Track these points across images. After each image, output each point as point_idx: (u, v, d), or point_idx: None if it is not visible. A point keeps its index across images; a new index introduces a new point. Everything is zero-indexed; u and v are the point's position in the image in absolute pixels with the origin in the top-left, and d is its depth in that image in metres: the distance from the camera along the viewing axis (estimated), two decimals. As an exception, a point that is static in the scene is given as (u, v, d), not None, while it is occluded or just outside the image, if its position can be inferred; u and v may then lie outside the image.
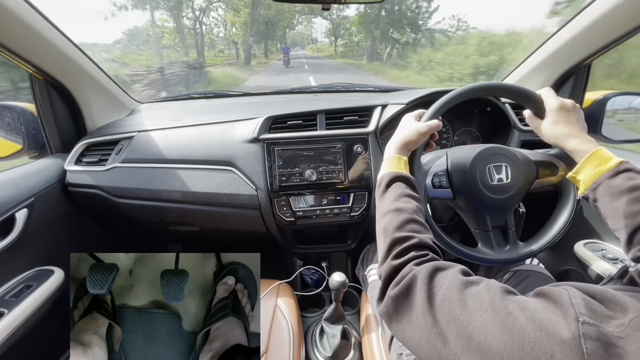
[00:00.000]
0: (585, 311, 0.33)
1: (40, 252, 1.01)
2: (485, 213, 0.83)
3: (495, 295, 0.40)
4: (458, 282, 0.44)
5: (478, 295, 0.41)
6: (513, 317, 0.36)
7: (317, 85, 1.61)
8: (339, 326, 1.09)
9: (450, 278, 0.46)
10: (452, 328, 0.40)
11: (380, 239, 0.61)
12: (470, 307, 0.40)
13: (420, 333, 0.44)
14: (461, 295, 0.42)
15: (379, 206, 0.67)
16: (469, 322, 0.39)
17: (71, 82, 1.13)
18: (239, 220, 1.17)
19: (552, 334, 0.33)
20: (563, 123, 0.70)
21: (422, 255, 0.54)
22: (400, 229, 0.58)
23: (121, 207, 1.13)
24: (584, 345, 0.31)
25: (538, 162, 0.83)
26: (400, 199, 0.64)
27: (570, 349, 0.31)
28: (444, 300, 0.43)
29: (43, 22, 0.94)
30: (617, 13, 0.89)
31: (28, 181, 1.00)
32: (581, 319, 0.33)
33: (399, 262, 0.53)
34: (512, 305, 0.38)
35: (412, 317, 0.46)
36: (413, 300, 0.47)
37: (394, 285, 0.50)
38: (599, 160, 0.63)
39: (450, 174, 0.83)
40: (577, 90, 1.16)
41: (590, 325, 0.32)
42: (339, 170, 1.09)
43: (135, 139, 1.16)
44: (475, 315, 0.39)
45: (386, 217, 0.62)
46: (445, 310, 0.42)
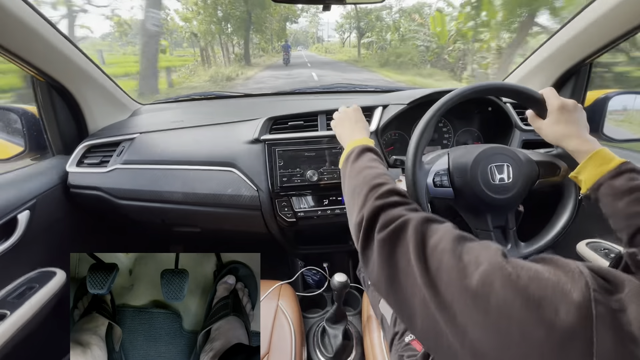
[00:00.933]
0: (593, 281, 0.33)
1: (42, 254, 1.02)
2: (487, 213, 0.83)
3: (493, 253, 0.39)
4: (452, 234, 0.43)
5: (473, 250, 0.40)
6: (515, 274, 0.35)
7: (318, 86, 1.61)
8: (340, 327, 1.09)
9: (444, 230, 0.45)
10: (443, 277, 0.39)
11: (355, 190, 0.61)
12: (464, 260, 0.39)
13: (413, 281, 0.42)
14: (455, 247, 0.41)
15: (350, 169, 0.68)
16: (464, 275, 0.37)
17: (73, 84, 1.13)
18: (240, 221, 1.17)
19: (560, 292, 0.32)
20: (564, 123, 0.69)
21: (408, 202, 0.54)
22: (379, 177, 0.60)
23: (123, 208, 1.14)
24: (595, 309, 0.30)
25: (540, 162, 0.82)
26: (373, 162, 0.67)
27: (579, 309, 0.30)
28: (437, 250, 0.42)
29: (44, 24, 0.94)
30: (618, 11, 0.89)
31: (30, 183, 1.00)
32: (592, 286, 0.32)
33: (384, 202, 0.53)
34: (510, 265, 0.36)
35: (403, 264, 0.44)
36: (404, 246, 0.45)
37: (382, 228, 0.49)
38: (600, 161, 0.63)
39: (452, 174, 0.82)
40: (578, 89, 1.15)
41: (599, 293, 0.31)
42: (340, 170, 1.09)
43: (136, 141, 1.16)
44: (471, 268, 0.38)
45: (362, 173, 0.63)
46: (437, 259, 0.41)
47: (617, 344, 0.29)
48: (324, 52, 47.34)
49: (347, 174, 0.68)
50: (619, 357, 0.29)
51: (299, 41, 75.51)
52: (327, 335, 1.11)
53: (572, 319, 0.30)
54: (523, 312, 0.32)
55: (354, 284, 1.29)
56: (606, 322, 0.30)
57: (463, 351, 0.36)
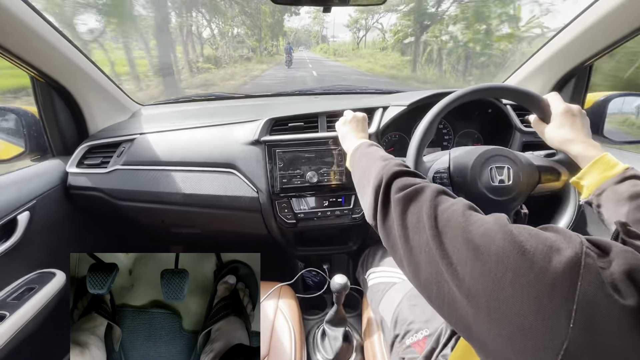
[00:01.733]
0: (587, 244, 0.35)
1: (42, 255, 1.01)
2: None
3: (500, 216, 0.42)
4: (464, 203, 0.47)
5: (479, 217, 0.44)
6: (517, 231, 0.38)
7: (318, 87, 1.61)
8: (340, 329, 1.09)
9: (458, 200, 0.49)
10: (449, 231, 0.43)
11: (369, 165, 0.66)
12: (471, 220, 0.43)
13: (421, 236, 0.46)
14: (464, 210, 0.45)
15: (358, 161, 0.73)
16: (469, 230, 0.41)
17: (73, 84, 1.13)
18: (240, 222, 1.17)
19: (556, 247, 0.35)
20: (568, 127, 0.69)
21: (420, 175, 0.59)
22: (390, 158, 0.66)
23: (122, 209, 1.13)
24: (584, 260, 0.33)
25: (541, 167, 0.82)
26: (382, 151, 0.73)
27: (570, 260, 0.33)
28: (447, 211, 0.46)
29: (44, 25, 0.95)
30: (618, 14, 0.89)
31: (30, 184, 1.00)
32: (585, 244, 0.34)
33: (400, 169, 0.58)
34: (513, 225, 0.40)
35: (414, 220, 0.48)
36: (419, 205, 0.49)
37: (400, 190, 0.53)
38: (604, 166, 0.62)
39: (452, 173, 0.82)
40: (578, 91, 1.15)
41: (591, 251, 0.34)
42: (340, 172, 1.09)
43: (136, 142, 1.16)
44: (477, 225, 0.41)
45: (375, 154, 0.69)
46: (446, 217, 0.45)
47: (598, 290, 0.31)
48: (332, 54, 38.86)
49: (354, 167, 0.75)
50: (598, 302, 0.31)
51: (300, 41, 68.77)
52: (327, 337, 1.11)
53: (561, 267, 0.33)
54: (518, 260, 0.35)
55: (354, 285, 1.28)
56: (592, 272, 0.32)
57: (461, 298, 0.39)
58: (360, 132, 0.91)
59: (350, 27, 42.75)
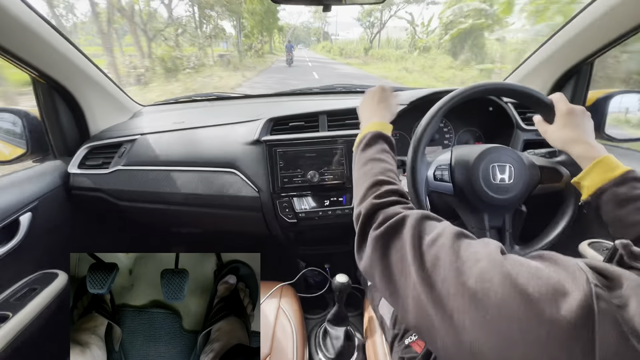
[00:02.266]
0: (593, 277, 0.32)
1: (44, 256, 1.02)
2: (484, 212, 0.82)
3: (492, 250, 0.38)
4: (451, 231, 0.43)
5: (471, 247, 0.39)
6: (515, 271, 0.34)
7: (318, 86, 1.61)
8: (342, 328, 1.09)
9: (443, 226, 0.44)
10: (440, 273, 0.38)
11: (359, 181, 0.62)
12: (462, 257, 0.38)
13: (407, 278, 0.42)
14: (453, 243, 0.40)
15: (359, 156, 0.68)
16: (462, 271, 0.37)
17: (74, 85, 1.13)
18: (241, 222, 1.17)
19: (561, 290, 0.31)
20: (571, 128, 0.69)
21: (407, 202, 0.54)
22: (383, 174, 0.60)
23: (124, 209, 1.14)
24: (596, 305, 0.29)
25: (543, 167, 0.82)
26: (383, 153, 0.67)
27: (581, 306, 0.30)
28: (434, 245, 0.41)
29: (45, 26, 0.95)
30: (619, 11, 0.89)
31: (32, 185, 1.00)
32: (593, 282, 0.31)
33: (382, 202, 0.53)
34: (509, 262, 0.36)
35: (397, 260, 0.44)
36: (400, 241, 0.45)
37: (378, 226, 0.49)
38: (605, 167, 0.62)
39: (453, 169, 0.82)
40: (579, 89, 1.15)
41: (600, 289, 0.31)
42: (341, 171, 1.09)
43: (137, 142, 1.16)
44: (470, 264, 0.37)
45: (369, 164, 0.64)
46: (433, 254, 0.40)
47: (620, 339, 0.28)
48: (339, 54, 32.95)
49: (356, 162, 0.69)
50: (621, 353, 0.28)
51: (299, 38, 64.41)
52: (329, 336, 1.11)
53: (574, 316, 0.29)
54: (523, 311, 0.31)
55: (355, 284, 1.28)
56: (608, 317, 0.29)
57: (460, 352, 0.35)
58: (375, 112, 0.80)
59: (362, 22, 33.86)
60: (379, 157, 0.65)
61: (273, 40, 36.69)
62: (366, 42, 33.25)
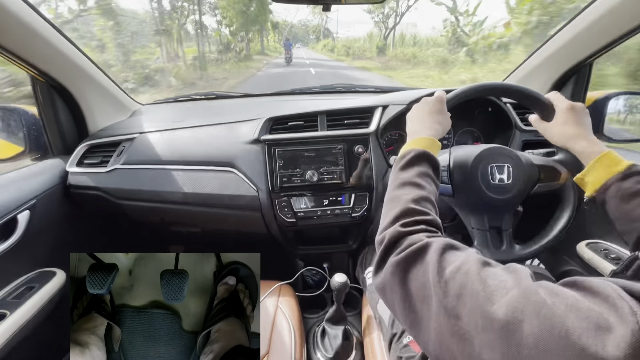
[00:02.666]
0: (635, 304, 0.30)
1: (42, 254, 1.02)
2: (484, 212, 0.83)
3: (523, 277, 0.36)
4: (475, 259, 0.40)
5: (499, 276, 0.37)
6: (549, 303, 0.31)
7: (317, 86, 1.61)
8: (340, 327, 1.09)
9: (467, 255, 0.42)
10: (467, 302, 0.36)
11: (390, 204, 0.58)
12: (490, 285, 0.35)
13: (429, 307, 0.39)
14: (479, 270, 0.38)
15: (397, 175, 0.63)
16: (490, 302, 0.34)
17: (73, 84, 1.13)
18: (240, 221, 1.17)
19: (604, 326, 0.29)
20: (573, 123, 0.69)
21: (434, 232, 0.51)
22: (417, 202, 0.55)
23: (122, 208, 1.14)
24: None
25: (541, 166, 0.82)
26: (424, 177, 0.61)
27: (629, 343, 0.27)
28: (459, 273, 0.39)
29: (44, 25, 0.94)
30: (618, 12, 0.89)
31: (30, 183, 1.00)
32: (638, 311, 0.29)
33: (407, 230, 0.50)
34: (542, 290, 0.33)
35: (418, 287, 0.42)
36: (422, 268, 0.42)
37: (399, 252, 0.46)
38: (609, 162, 0.62)
39: (452, 170, 0.82)
40: (578, 89, 1.15)
41: None
42: (340, 170, 1.09)
43: (136, 141, 1.16)
44: (499, 295, 0.34)
45: (405, 188, 0.59)
46: (459, 282, 0.38)
47: None
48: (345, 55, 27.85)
49: (392, 179, 0.64)
50: None
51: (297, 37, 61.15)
52: (327, 336, 1.11)
53: (622, 353, 0.27)
54: (564, 346, 0.29)
55: (353, 284, 1.28)
56: None
57: None
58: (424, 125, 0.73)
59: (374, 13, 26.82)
60: (417, 181, 0.60)
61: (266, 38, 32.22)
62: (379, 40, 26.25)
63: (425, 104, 0.77)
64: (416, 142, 0.68)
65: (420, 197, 0.57)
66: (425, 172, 0.62)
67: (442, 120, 0.75)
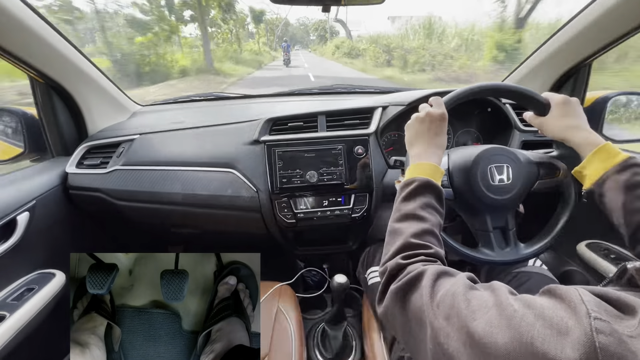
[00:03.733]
0: (596, 309, 0.32)
1: (42, 255, 1.01)
2: (486, 213, 0.83)
3: (501, 294, 0.39)
4: (464, 283, 0.43)
5: (482, 297, 0.40)
6: (520, 314, 0.35)
7: (317, 87, 1.61)
8: (340, 328, 1.09)
9: (457, 279, 0.45)
10: (454, 322, 0.39)
11: (392, 236, 0.59)
12: (474, 305, 0.39)
13: (424, 329, 0.42)
14: (466, 292, 0.41)
15: (400, 206, 0.63)
16: (473, 319, 0.37)
17: (72, 85, 1.13)
18: (240, 222, 1.16)
19: (564, 332, 0.31)
20: (570, 116, 0.70)
21: (432, 261, 0.53)
22: (418, 236, 0.56)
23: (122, 209, 1.13)
24: (597, 339, 0.29)
25: (539, 162, 0.83)
26: (426, 208, 0.61)
27: (582, 344, 0.30)
28: (447, 295, 0.42)
29: (44, 25, 0.94)
30: (617, 12, 0.89)
31: (29, 184, 1.00)
32: (593, 314, 0.31)
33: (407, 262, 0.52)
34: (517, 303, 0.36)
35: (415, 311, 0.45)
36: (415, 296, 0.46)
37: (398, 281, 0.49)
38: (606, 155, 0.63)
39: (451, 174, 0.83)
40: (577, 90, 1.15)
41: (602, 321, 0.31)
42: (339, 171, 1.09)
43: (136, 142, 1.16)
44: (480, 313, 0.37)
45: (407, 221, 0.59)
46: (448, 304, 0.41)
47: None
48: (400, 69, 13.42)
49: (395, 209, 0.64)
50: None
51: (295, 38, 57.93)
52: (327, 337, 1.11)
53: (577, 355, 0.29)
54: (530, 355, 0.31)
55: (353, 285, 1.29)
56: (611, 350, 0.29)
57: None
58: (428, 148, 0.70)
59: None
60: (420, 214, 0.60)
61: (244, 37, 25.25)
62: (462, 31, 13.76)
63: (428, 122, 0.71)
64: (420, 169, 0.67)
65: (422, 231, 0.57)
66: (428, 203, 0.62)
67: (443, 143, 0.72)
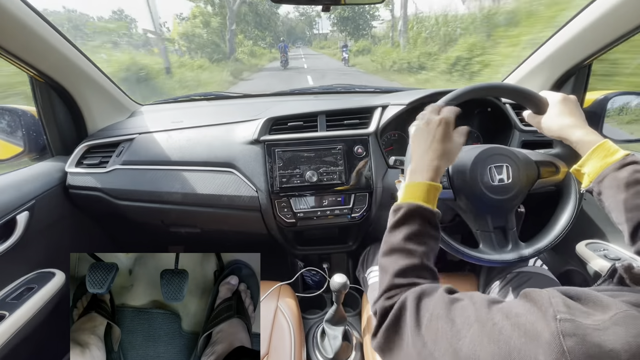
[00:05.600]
0: (563, 308, 0.34)
1: (41, 255, 1.01)
2: (487, 213, 0.83)
3: (481, 308, 0.40)
4: (444, 301, 0.44)
5: (464, 311, 0.41)
6: (499, 327, 0.36)
7: (317, 86, 1.60)
8: (340, 328, 1.09)
9: (436, 299, 0.45)
10: (441, 346, 0.40)
11: (381, 272, 0.58)
12: (458, 324, 0.40)
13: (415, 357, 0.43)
14: (448, 312, 0.42)
15: (388, 237, 0.60)
16: (458, 339, 0.38)
17: (72, 84, 1.13)
18: (239, 221, 1.16)
19: (535, 337, 0.33)
20: (568, 114, 0.70)
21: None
22: (402, 275, 0.54)
23: (122, 209, 1.13)
24: (564, 344, 0.31)
25: (539, 161, 0.83)
26: (414, 238, 0.57)
27: (552, 349, 0.31)
28: (432, 320, 0.43)
29: (43, 25, 0.94)
30: (617, 13, 0.89)
31: (29, 184, 1.00)
32: (559, 316, 0.33)
33: (391, 304, 0.51)
34: (497, 315, 0.38)
35: (404, 345, 0.46)
36: (403, 329, 0.47)
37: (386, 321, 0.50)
38: (605, 152, 0.63)
39: (451, 175, 0.82)
40: (577, 90, 1.15)
41: (567, 321, 0.32)
42: (339, 171, 1.09)
43: (135, 141, 1.16)
44: (464, 332, 0.39)
45: (393, 256, 0.57)
46: (433, 329, 0.42)
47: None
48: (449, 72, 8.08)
49: (384, 238, 0.61)
50: None
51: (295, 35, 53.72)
52: (327, 337, 1.11)
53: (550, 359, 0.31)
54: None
55: (353, 285, 1.28)
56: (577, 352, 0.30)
57: None
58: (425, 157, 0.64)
59: None
60: (407, 247, 0.56)
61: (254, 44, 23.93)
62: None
63: (432, 129, 0.66)
64: (411, 190, 0.62)
65: (408, 268, 0.54)
66: (417, 232, 0.58)
67: (448, 149, 0.65)
